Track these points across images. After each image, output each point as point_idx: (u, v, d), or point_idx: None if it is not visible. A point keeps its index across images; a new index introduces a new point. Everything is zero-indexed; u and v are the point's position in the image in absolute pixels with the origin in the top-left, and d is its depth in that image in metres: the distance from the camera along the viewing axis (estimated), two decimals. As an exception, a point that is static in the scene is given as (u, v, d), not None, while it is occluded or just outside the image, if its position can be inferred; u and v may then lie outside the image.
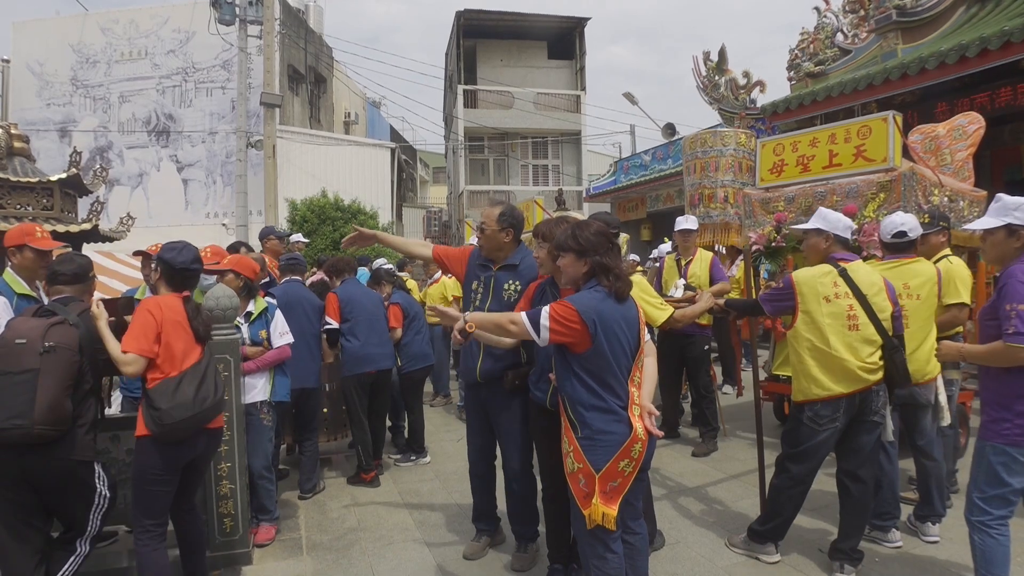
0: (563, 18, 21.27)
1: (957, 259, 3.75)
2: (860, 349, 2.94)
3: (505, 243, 3.24)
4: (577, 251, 2.43)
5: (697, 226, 5.47)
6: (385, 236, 3.83)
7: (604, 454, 2.30)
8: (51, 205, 4.66)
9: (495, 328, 2.53)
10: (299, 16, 18.65)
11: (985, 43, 6.29)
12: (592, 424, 2.33)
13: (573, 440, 2.37)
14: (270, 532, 3.66)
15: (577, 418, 2.36)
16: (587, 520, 2.32)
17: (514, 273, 3.21)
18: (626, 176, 16.49)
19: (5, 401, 2.36)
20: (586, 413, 2.34)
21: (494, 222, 3.20)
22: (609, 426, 2.32)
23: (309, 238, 11.87)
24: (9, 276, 3.10)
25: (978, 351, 2.52)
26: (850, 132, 3.91)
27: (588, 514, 2.31)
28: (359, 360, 4.53)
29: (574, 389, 2.37)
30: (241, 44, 12.98)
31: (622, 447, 2.30)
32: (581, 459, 2.33)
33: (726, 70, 10.70)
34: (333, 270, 4.83)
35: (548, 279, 2.96)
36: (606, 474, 2.29)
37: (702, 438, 5.20)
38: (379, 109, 25.89)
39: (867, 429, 3.02)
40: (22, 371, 2.39)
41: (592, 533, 2.34)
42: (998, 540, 2.47)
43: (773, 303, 3.15)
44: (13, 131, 4.70)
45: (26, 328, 2.48)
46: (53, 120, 17.47)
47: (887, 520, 3.38)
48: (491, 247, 3.27)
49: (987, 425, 2.52)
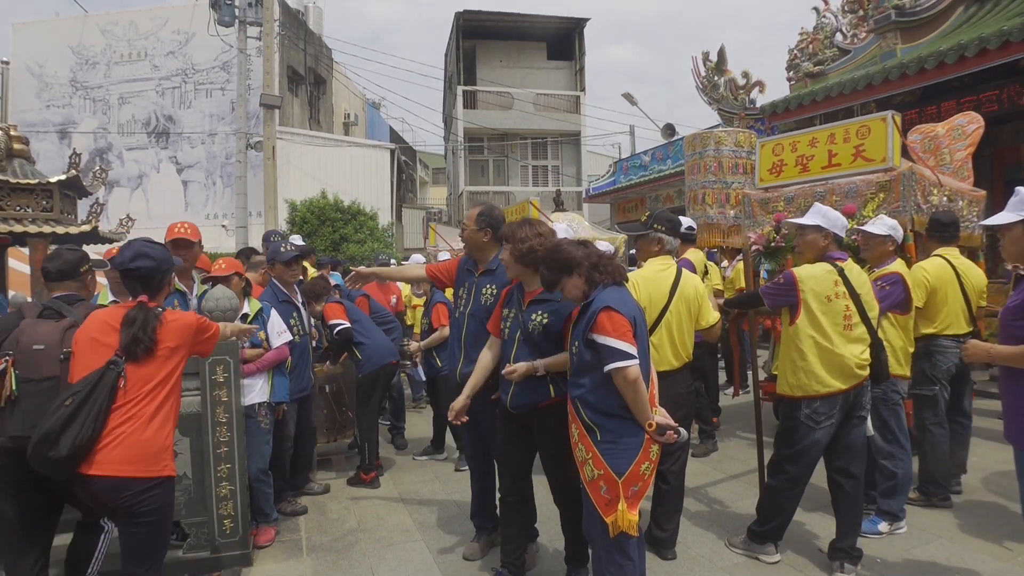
0: (562, 19, 21.29)
1: (934, 262, 3.81)
2: (855, 346, 2.98)
3: (484, 243, 3.30)
4: (565, 272, 2.48)
5: (568, 235, 5.35)
6: (380, 270, 4.33)
7: (626, 458, 2.30)
8: (51, 207, 4.66)
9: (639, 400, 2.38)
10: (298, 17, 18.67)
11: (984, 43, 6.30)
12: (614, 429, 2.32)
13: (591, 447, 2.35)
14: (269, 533, 3.66)
15: (597, 424, 2.35)
16: (610, 528, 2.29)
17: (492, 277, 3.28)
18: (626, 177, 16.49)
19: (28, 409, 2.29)
20: (609, 420, 2.33)
21: (473, 222, 3.29)
22: (630, 429, 2.33)
23: (309, 239, 11.88)
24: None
25: (1008, 352, 2.40)
26: (849, 132, 3.90)
27: (612, 521, 2.29)
28: (382, 353, 4.60)
29: (606, 395, 2.34)
30: (240, 45, 12.98)
31: (642, 450, 2.30)
32: (601, 465, 2.31)
33: (725, 70, 10.69)
34: (311, 295, 4.56)
35: (517, 284, 2.97)
36: (629, 478, 2.28)
37: (700, 438, 5.20)
38: (379, 110, 25.92)
39: (856, 424, 3.07)
40: (43, 379, 2.32)
41: (613, 540, 2.32)
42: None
43: (774, 296, 3.16)
44: (12, 133, 4.70)
45: (42, 333, 2.39)
46: (53, 122, 17.48)
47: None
48: (472, 247, 3.36)
49: (1020, 431, 2.42)
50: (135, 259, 2.36)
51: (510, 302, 2.95)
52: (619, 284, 2.48)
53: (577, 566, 2.98)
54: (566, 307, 2.71)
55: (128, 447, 2.20)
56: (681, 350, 3.20)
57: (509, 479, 3.04)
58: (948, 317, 3.78)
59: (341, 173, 16.28)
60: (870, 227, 3.51)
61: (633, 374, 2.27)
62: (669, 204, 14.40)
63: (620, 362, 2.26)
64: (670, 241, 3.38)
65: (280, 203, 13.07)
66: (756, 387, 3.98)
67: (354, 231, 13.46)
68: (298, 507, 4.12)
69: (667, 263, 3.32)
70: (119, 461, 2.18)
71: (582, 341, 2.39)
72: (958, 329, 3.81)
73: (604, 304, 2.34)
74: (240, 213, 13.00)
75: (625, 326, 2.31)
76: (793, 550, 3.32)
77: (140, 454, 2.21)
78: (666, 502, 3.28)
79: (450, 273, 3.53)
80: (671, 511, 3.31)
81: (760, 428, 3.95)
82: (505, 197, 20.29)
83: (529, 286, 2.89)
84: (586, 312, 2.41)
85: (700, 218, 5.85)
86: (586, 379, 2.39)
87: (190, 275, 3.76)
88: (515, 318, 2.88)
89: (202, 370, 3.17)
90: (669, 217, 3.46)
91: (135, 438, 2.21)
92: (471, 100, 21.23)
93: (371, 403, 4.59)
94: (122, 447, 2.19)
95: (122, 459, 2.18)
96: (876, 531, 3.44)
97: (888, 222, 3.52)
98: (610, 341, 2.28)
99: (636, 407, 2.32)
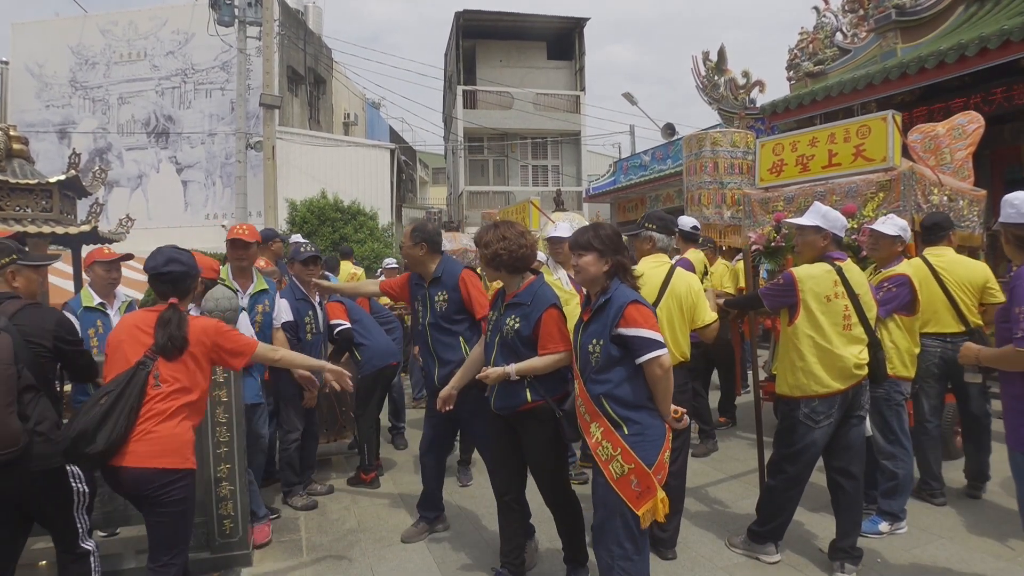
0: (562, 18, 21.28)
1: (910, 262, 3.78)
2: (854, 346, 2.98)
3: (420, 257, 3.48)
4: (601, 250, 2.48)
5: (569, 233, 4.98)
6: (337, 286, 4.64)
7: (654, 448, 2.37)
8: (50, 207, 4.65)
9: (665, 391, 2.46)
10: (298, 17, 18.66)
11: (984, 42, 6.29)
12: (641, 420, 2.38)
13: (619, 442, 2.37)
14: (265, 531, 3.65)
15: (624, 418, 2.39)
16: (642, 519, 2.33)
17: (440, 285, 3.44)
18: (626, 176, 16.49)
19: None
20: (635, 412, 2.39)
21: (408, 239, 3.49)
22: (655, 420, 2.41)
23: (308, 239, 11.86)
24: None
25: (992, 355, 2.46)
26: (849, 132, 3.90)
27: (643, 512, 2.33)
28: (383, 354, 4.61)
29: (633, 388, 2.40)
30: (240, 45, 12.98)
31: (665, 439, 2.40)
32: (631, 459, 2.35)
33: (725, 70, 10.69)
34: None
35: (500, 289, 2.98)
36: (657, 467, 2.36)
37: (700, 438, 5.19)
38: (378, 110, 25.89)
39: (855, 424, 3.07)
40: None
41: (628, 535, 2.36)
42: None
43: (773, 298, 3.15)
44: (12, 133, 4.69)
45: None
46: (52, 122, 17.47)
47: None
48: (412, 263, 3.54)
49: (1012, 433, 2.44)
50: (167, 264, 2.53)
51: (496, 305, 2.97)
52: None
53: (577, 566, 2.99)
54: (535, 312, 2.75)
55: (154, 442, 2.36)
56: (674, 348, 3.17)
57: (504, 478, 3.04)
58: (925, 314, 3.74)
59: (341, 173, 16.27)
60: (881, 227, 3.49)
61: (667, 362, 2.36)
62: (669, 204, 14.39)
63: (655, 351, 2.34)
64: (662, 239, 3.38)
65: (280, 203, 13.06)
66: (756, 387, 3.98)
67: (354, 231, 13.46)
68: (309, 501, 4.19)
69: (660, 261, 3.31)
70: (146, 455, 2.35)
71: (607, 337, 2.40)
72: (941, 327, 3.79)
73: (631, 298, 2.40)
74: (240, 213, 12.99)
75: (652, 317, 2.40)
76: (793, 550, 3.32)
77: (166, 448, 2.38)
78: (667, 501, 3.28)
79: (402, 288, 3.73)
80: (671, 511, 3.27)
81: (760, 428, 3.95)
82: (505, 197, 20.29)
83: (508, 289, 2.90)
84: (606, 309, 2.43)
85: (697, 218, 5.85)
86: (612, 374, 2.40)
87: (249, 274, 4.01)
88: (496, 321, 2.89)
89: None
90: (661, 216, 3.48)
91: (162, 433, 2.38)
92: (471, 100, 21.22)
93: (371, 404, 4.58)
94: (149, 441, 2.36)
95: (149, 453, 2.35)
96: (877, 531, 3.44)
97: (899, 222, 3.50)
98: (643, 332, 2.34)
99: (665, 397, 2.41)
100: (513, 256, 2.78)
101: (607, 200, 17.72)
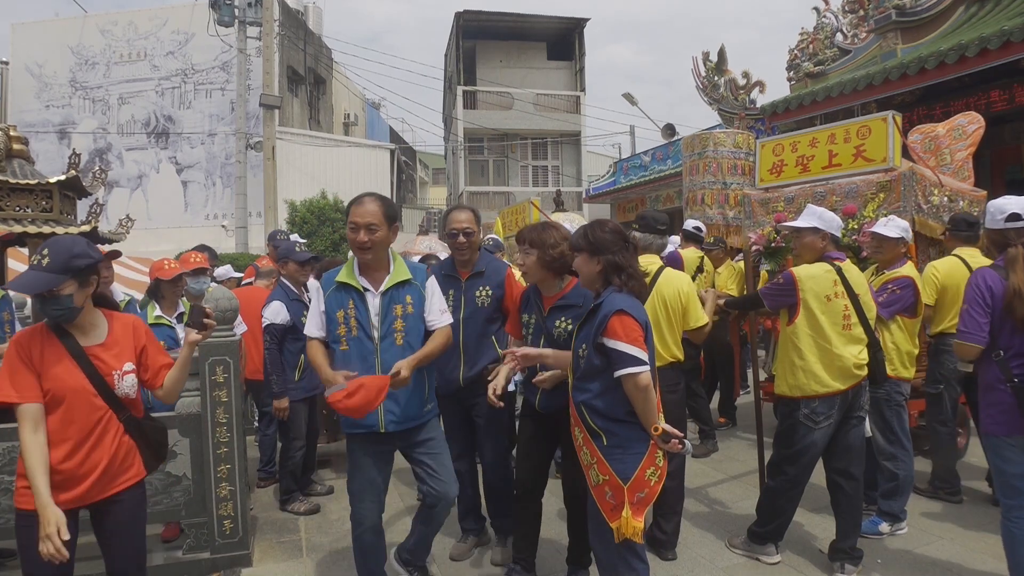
0: (562, 19, 21.29)
1: (947, 261, 3.81)
2: (853, 346, 2.99)
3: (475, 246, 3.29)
4: (589, 250, 2.40)
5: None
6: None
7: (632, 463, 2.25)
8: (50, 207, 4.65)
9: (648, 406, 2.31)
10: (298, 17, 18.67)
11: (985, 43, 6.29)
12: (621, 434, 2.28)
13: (596, 451, 2.30)
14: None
15: (603, 429, 2.29)
16: (615, 533, 2.25)
17: (482, 279, 3.24)
18: (626, 177, 16.50)
19: None
20: (616, 425, 2.28)
21: (473, 224, 3.27)
22: (637, 434, 2.28)
23: (308, 239, 11.88)
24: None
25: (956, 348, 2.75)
26: (850, 132, 3.90)
27: (617, 527, 2.24)
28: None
29: (613, 400, 2.29)
30: (240, 45, 12.98)
31: (647, 454, 2.26)
32: (607, 470, 2.27)
33: (725, 70, 10.69)
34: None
35: (532, 287, 2.92)
36: (634, 484, 2.23)
37: (700, 438, 5.19)
38: (378, 110, 25.92)
39: (855, 425, 3.07)
40: None
41: (621, 545, 2.29)
42: (1011, 530, 2.58)
43: (773, 297, 3.15)
44: (12, 133, 4.69)
45: None
46: (52, 122, 17.49)
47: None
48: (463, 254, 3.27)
49: (982, 418, 2.70)
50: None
51: (528, 307, 2.90)
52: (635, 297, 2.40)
53: (579, 568, 2.98)
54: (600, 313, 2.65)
55: None
56: (662, 350, 3.13)
57: (530, 475, 2.98)
58: (956, 316, 3.74)
59: (341, 173, 16.29)
60: (882, 229, 3.47)
61: (644, 380, 2.21)
62: (669, 204, 14.41)
63: (631, 368, 2.20)
64: (645, 238, 3.38)
65: (280, 203, 13.08)
66: (756, 387, 3.97)
67: (354, 231, 13.42)
68: (311, 506, 4.16)
69: (648, 261, 3.30)
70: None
71: (591, 345, 2.32)
72: None
73: (617, 308, 2.27)
74: (240, 213, 13.01)
75: (637, 331, 2.25)
76: (793, 550, 3.32)
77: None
78: (666, 503, 3.27)
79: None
80: (671, 512, 3.30)
81: (760, 428, 3.95)
82: (505, 197, 20.29)
83: (548, 291, 2.84)
84: (595, 315, 2.34)
85: (699, 218, 5.85)
86: (594, 384, 2.33)
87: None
88: (537, 324, 2.84)
89: (202, 370, 3.16)
90: (645, 215, 3.48)
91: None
92: (471, 100, 21.22)
93: None
94: None
95: None
96: (877, 532, 3.44)
97: (900, 224, 3.49)
98: (621, 346, 2.21)
99: (645, 413, 2.27)
100: (566, 258, 2.72)
101: (607, 200, 17.73)
